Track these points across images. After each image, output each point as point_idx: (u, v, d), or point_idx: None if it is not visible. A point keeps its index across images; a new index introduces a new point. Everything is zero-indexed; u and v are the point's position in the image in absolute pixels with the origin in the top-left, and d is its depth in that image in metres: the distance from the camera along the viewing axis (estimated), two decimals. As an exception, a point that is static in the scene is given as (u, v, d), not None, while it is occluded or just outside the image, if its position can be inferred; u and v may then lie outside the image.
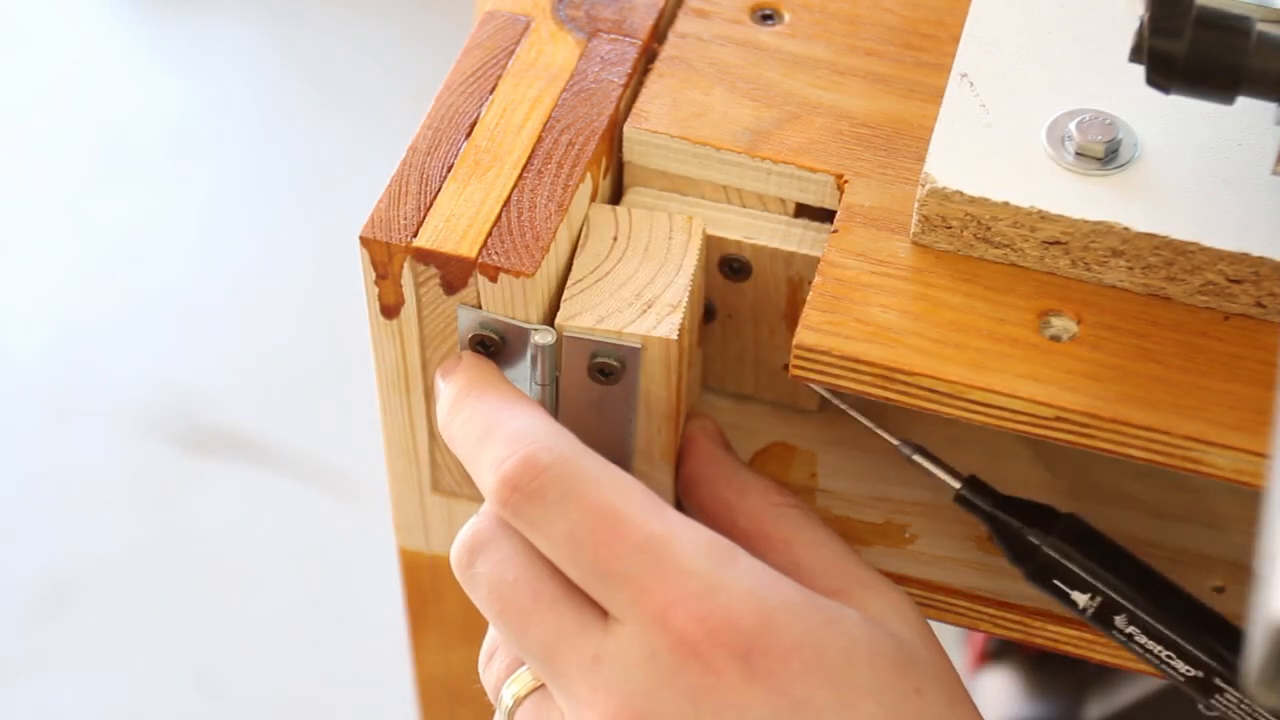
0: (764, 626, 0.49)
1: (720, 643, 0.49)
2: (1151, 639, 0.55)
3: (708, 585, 0.49)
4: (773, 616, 0.49)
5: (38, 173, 1.81)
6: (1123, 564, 0.56)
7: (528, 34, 0.61)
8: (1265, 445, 0.50)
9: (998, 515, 0.57)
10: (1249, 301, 0.53)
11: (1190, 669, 0.55)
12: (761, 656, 0.49)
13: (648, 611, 0.49)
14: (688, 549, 0.50)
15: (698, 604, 0.49)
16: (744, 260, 0.59)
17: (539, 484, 0.50)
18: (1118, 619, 0.55)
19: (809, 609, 0.50)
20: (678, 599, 0.49)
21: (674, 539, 0.50)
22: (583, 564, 0.50)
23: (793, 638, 0.49)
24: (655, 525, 0.50)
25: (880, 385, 0.53)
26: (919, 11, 0.62)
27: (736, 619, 0.49)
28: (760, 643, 0.49)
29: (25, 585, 1.50)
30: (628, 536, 0.49)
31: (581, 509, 0.50)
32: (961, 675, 0.55)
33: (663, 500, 0.51)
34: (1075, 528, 0.56)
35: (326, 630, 1.46)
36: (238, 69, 1.90)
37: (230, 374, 1.63)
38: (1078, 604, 0.56)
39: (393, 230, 0.55)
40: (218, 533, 1.53)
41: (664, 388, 0.56)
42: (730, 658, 0.49)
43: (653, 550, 0.49)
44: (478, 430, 0.53)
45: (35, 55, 1.91)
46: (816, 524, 0.57)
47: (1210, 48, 0.49)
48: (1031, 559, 0.56)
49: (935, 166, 0.54)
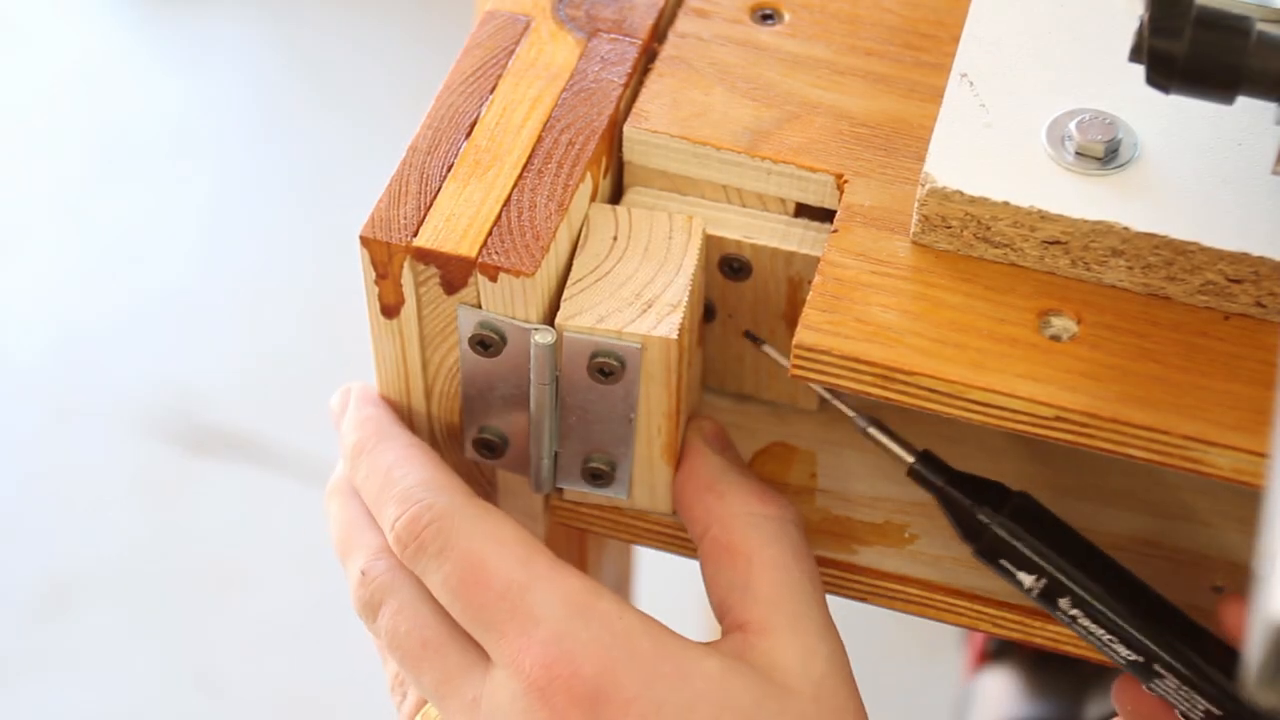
0: (604, 676, 0.52)
1: (563, 689, 0.52)
2: (1094, 622, 0.55)
3: (555, 633, 0.52)
4: (614, 667, 0.52)
5: (38, 173, 1.80)
6: (1071, 545, 0.56)
7: (528, 34, 0.61)
8: (1265, 445, 0.50)
9: (949, 491, 0.57)
10: (1249, 301, 0.53)
11: (1130, 654, 0.55)
12: (605, 705, 0.52)
13: (507, 656, 0.53)
14: (542, 597, 0.53)
15: (543, 650, 0.52)
16: (744, 260, 0.59)
17: (421, 539, 0.55)
18: (1062, 601, 0.56)
19: (657, 661, 0.52)
20: (527, 645, 0.52)
21: (532, 587, 0.53)
22: (458, 610, 0.54)
23: (632, 689, 0.52)
24: (517, 574, 0.53)
25: (880, 385, 0.53)
26: (919, 11, 0.62)
27: (578, 667, 0.52)
28: (602, 692, 0.52)
29: (25, 585, 1.49)
30: (491, 585, 0.53)
31: (454, 560, 0.54)
32: (961, 675, 0.55)
33: (542, 548, 0.54)
34: (1025, 507, 0.57)
35: (326, 630, 1.46)
36: (238, 69, 1.90)
37: (230, 374, 1.63)
38: (1023, 584, 0.56)
39: (393, 230, 0.55)
40: (218, 533, 1.53)
41: (664, 388, 0.56)
42: (572, 704, 0.52)
43: (510, 598, 0.53)
44: (375, 488, 0.57)
45: (35, 55, 1.91)
46: (787, 540, 0.57)
47: (1210, 48, 0.49)
48: (980, 537, 0.56)
49: (935, 166, 0.54)
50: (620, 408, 0.57)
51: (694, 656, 0.53)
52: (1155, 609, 0.55)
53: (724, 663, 0.53)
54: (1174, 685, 0.55)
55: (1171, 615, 0.55)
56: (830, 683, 0.54)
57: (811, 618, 0.55)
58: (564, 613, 0.53)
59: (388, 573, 0.56)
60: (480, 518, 0.55)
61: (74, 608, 1.48)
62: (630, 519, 0.61)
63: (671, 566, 0.69)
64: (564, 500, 0.62)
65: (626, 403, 0.57)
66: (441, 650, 0.55)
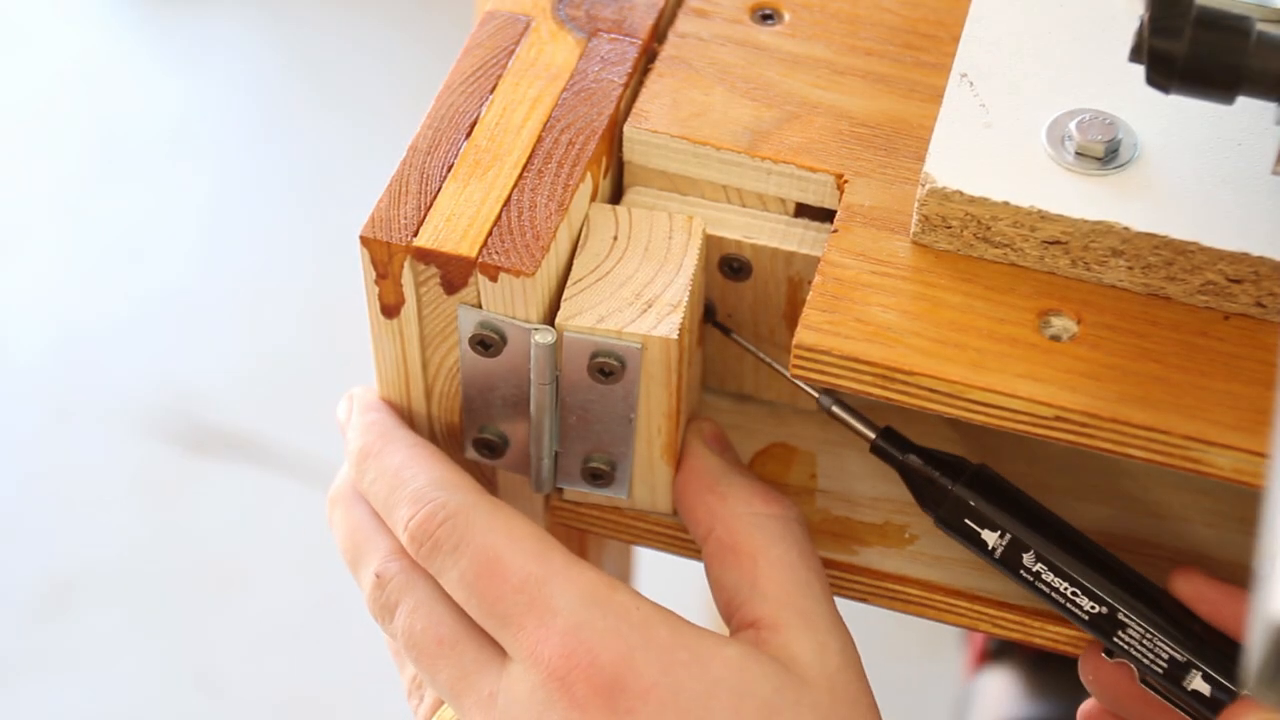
0: (623, 664, 0.52)
1: (583, 678, 0.52)
2: (1058, 576, 0.56)
3: (573, 623, 0.53)
4: (632, 655, 0.52)
5: (38, 172, 1.80)
6: (1031, 508, 0.57)
7: (528, 34, 0.61)
8: (1265, 445, 0.51)
9: (910, 462, 0.57)
10: (1249, 301, 0.53)
11: (1094, 605, 0.56)
12: (622, 694, 0.52)
13: (525, 648, 0.53)
14: (559, 590, 0.53)
15: (562, 641, 0.52)
16: (744, 260, 0.59)
17: (435, 538, 0.55)
18: (1025, 557, 0.56)
19: (675, 649, 0.53)
20: (545, 636, 0.53)
21: (548, 580, 0.53)
22: (474, 605, 0.54)
23: (651, 677, 0.52)
24: (533, 568, 0.54)
25: (880, 385, 0.53)
26: (919, 11, 0.62)
27: (596, 655, 0.52)
28: (621, 680, 0.52)
29: (25, 585, 1.49)
30: (508, 579, 0.54)
31: (469, 555, 0.54)
32: (961, 675, 0.56)
33: (556, 543, 0.55)
34: (984, 476, 0.57)
35: (326, 630, 1.46)
36: (238, 69, 1.90)
37: (230, 374, 1.63)
38: (987, 544, 0.57)
39: (393, 230, 0.55)
40: (218, 533, 1.53)
41: (664, 388, 0.57)
42: (593, 693, 0.52)
43: (528, 591, 0.53)
44: (384, 490, 0.57)
45: (35, 55, 1.91)
46: (791, 539, 0.57)
47: (1210, 48, 0.49)
48: (942, 503, 0.57)
49: (935, 166, 0.54)
50: (620, 408, 0.57)
51: (712, 645, 0.53)
52: (1115, 564, 0.57)
53: (743, 650, 0.54)
54: (1137, 636, 0.55)
55: (1130, 572, 0.57)
56: (844, 675, 0.54)
57: (821, 614, 0.55)
58: (581, 604, 0.53)
59: (402, 574, 0.57)
60: (493, 514, 0.55)
61: (74, 608, 1.48)
62: (630, 519, 0.61)
63: (671, 566, 0.69)
64: (564, 500, 0.62)
65: (626, 403, 0.57)
66: (457, 647, 0.55)
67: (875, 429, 0.58)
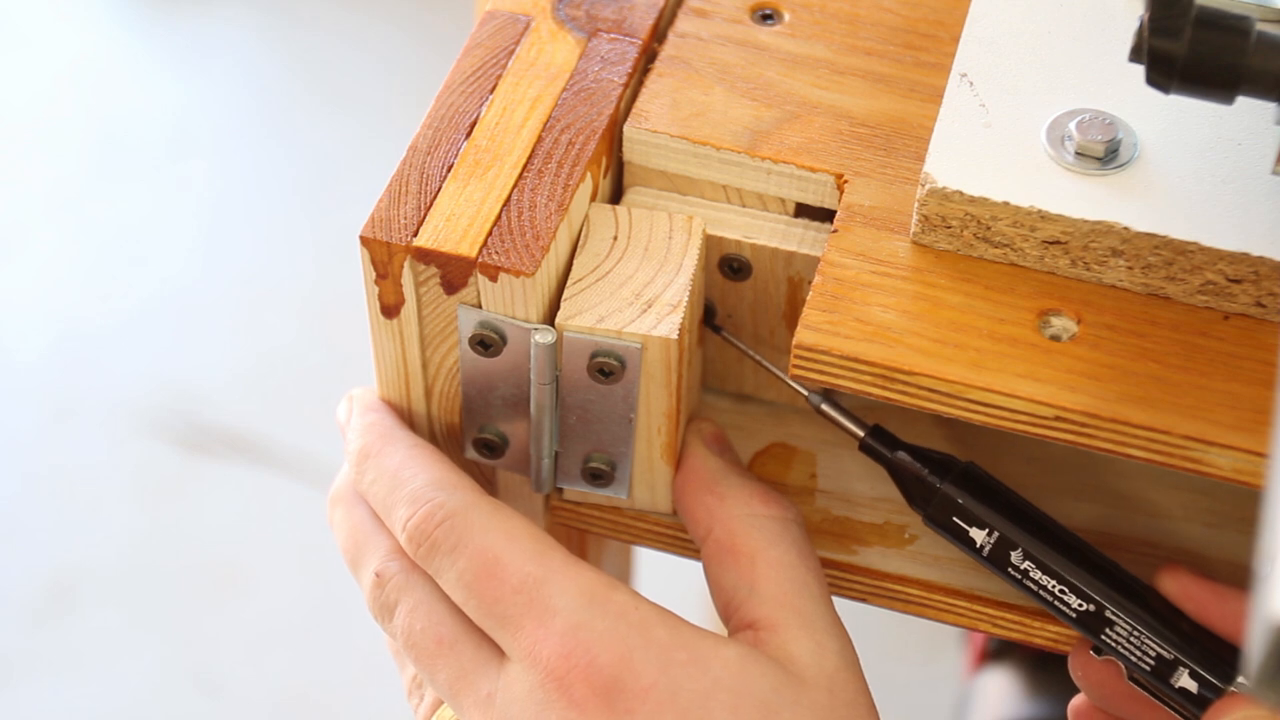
0: (621, 664, 0.52)
1: (582, 678, 0.52)
2: (1045, 574, 0.56)
3: (571, 624, 0.53)
4: (630, 655, 0.52)
5: (38, 173, 1.80)
6: (1018, 505, 0.57)
7: (528, 33, 0.61)
8: (1265, 445, 0.51)
9: (899, 460, 0.57)
10: (1249, 301, 0.53)
11: (1082, 603, 0.56)
12: (621, 694, 0.52)
13: (523, 648, 0.53)
14: (558, 590, 0.53)
15: (560, 641, 0.53)
16: (744, 260, 0.59)
17: (434, 539, 0.55)
18: (1013, 554, 0.56)
19: (674, 649, 0.53)
20: (544, 636, 0.53)
21: (547, 581, 0.54)
22: (472, 606, 0.54)
23: (649, 677, 0.52)
24: (532, 568, 0.54)
25: (880, 385, 0.53)
26: (919, 11, 0.62)
27: (595, 655, 0.52)
28: (619, 681, 0.52)
29: (25, 585, 1.49)
30: (506, 579, 0.54)
31: (468, 556, 0.54)
32: (961, 675, 0.56)
33: (555, 543, 0.55)
34: (972, 474, 0.57)
35: (326, 630, 1.46)
36: (238, 69, 1.90)
37: (230, 374, 1.63)
38: (976, 542, 0.57)
39: (393, 230, 0.55)
40: (217, 533, 1.53)
41: (664, 388, 0.57)
42: (591, 693, 0.52)
43: (527, 591, 0.53)
44: (383, 491, 0.57)
45: (35, 55, 1.91)
46: (790, 540, 0.57)
47: (1210, 48, 0.49)
48: (930, 500, 0.57)
49: (935, 166, 0.54)
50: (620, 408, 0.57)
51: (711, 645, 0.53)
52: (1103, 562, 0.57)
53: (741, 650, 0.54)
54: (1125, 633, 0.55)
55: (1118, 570, 0.57)
56: (843, 676, 0.54)
57: (820, 615, 0.55)
58: (580, 604, 0.53)
59: (401, 574, 0.57)
60: (492, 514, 0.55)
61: (74, 608, 1.48)
62: (630, 519, 0.61)
63: (671, 566, 0.69)
64: (564, 500, 0.62)
65: (626, 403, 0.57)
66: (456, 647, 0.55)
67: (865, 427, 0.58)
